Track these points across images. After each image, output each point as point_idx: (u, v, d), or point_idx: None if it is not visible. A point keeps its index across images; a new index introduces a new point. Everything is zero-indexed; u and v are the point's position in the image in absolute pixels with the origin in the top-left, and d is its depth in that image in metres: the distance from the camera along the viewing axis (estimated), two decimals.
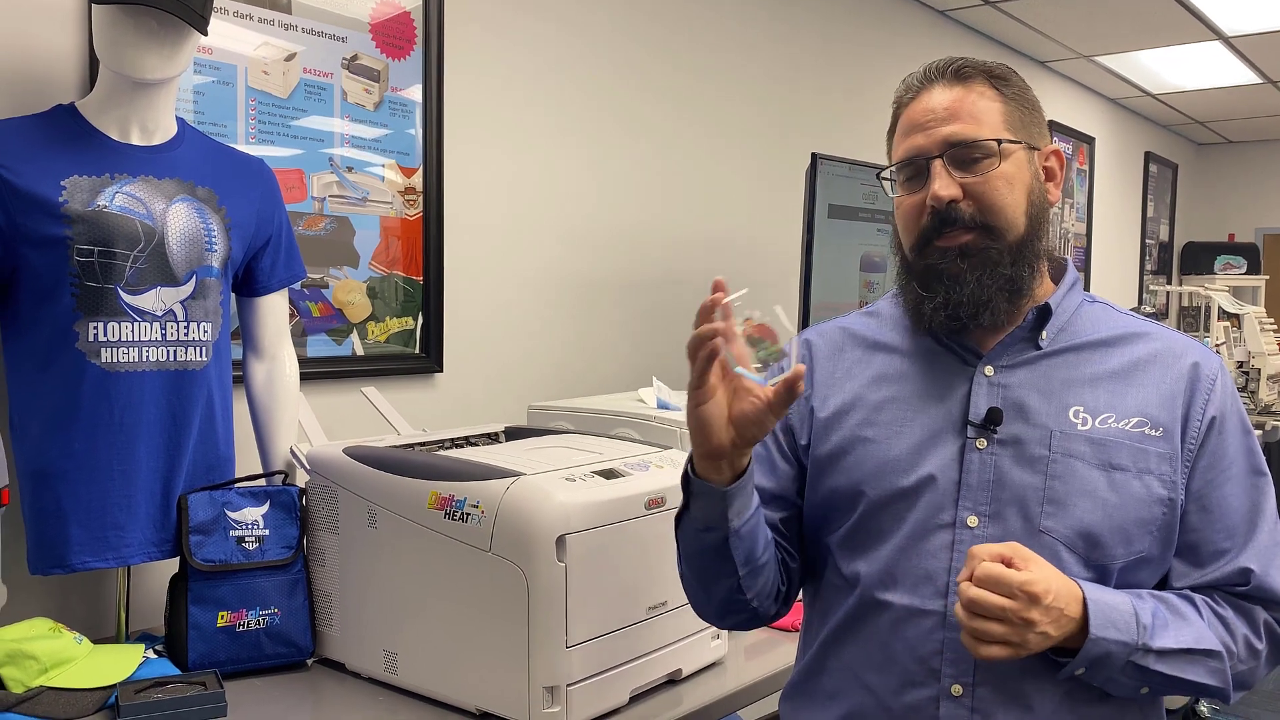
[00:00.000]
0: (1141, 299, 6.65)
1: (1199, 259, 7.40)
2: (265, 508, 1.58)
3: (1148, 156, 6.69)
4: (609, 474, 1.46)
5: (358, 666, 1.55)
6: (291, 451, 1.71)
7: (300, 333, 2.02)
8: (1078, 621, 1.02)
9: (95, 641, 1.56)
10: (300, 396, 1.78)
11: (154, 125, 1.56)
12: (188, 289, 1.55)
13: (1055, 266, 1.20)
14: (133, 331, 1.50)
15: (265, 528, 1.57)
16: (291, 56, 1.99)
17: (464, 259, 2.34)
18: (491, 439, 1.82)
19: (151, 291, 1.51)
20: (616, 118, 2.74)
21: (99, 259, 1.47)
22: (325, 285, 2.06)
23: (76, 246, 1.45)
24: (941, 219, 1.12)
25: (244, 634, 1.53)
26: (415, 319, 2.24)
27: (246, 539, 1.55)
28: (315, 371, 2.03)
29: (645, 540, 1.44)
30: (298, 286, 2.01)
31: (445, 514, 1.40)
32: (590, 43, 2.65)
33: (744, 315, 1.02)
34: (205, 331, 1.57)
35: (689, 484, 1.11)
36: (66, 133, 1.50)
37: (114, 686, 1.40)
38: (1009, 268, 1.12)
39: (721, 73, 3.08)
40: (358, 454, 1.55)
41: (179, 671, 1.48)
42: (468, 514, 1.38)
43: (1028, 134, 1.15)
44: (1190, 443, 1.12)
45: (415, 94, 2.21)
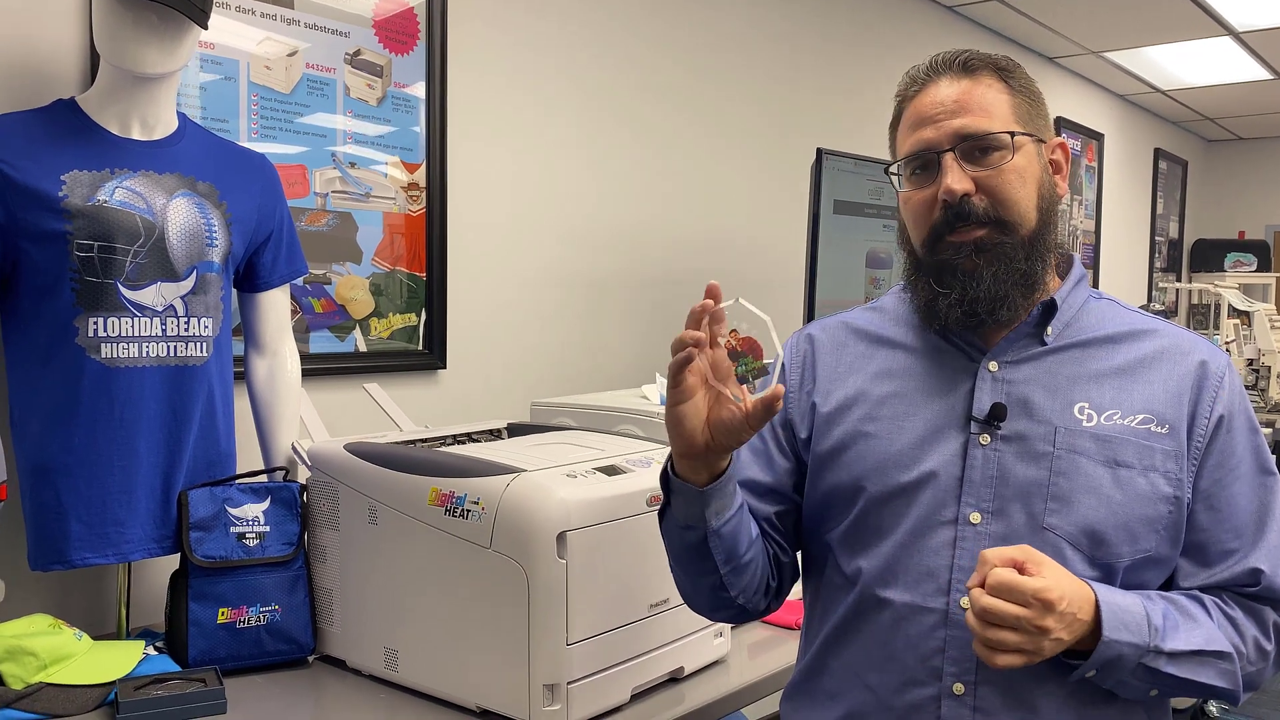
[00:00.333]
0: (1151, 296, 6.62)
1: (1209, 256, 7.36)
2: (266, 504, 1.57)
3: (1157, 153, 6.65)
4: (611, 470, 1.45)
5: (358, 664, 1.54)
6: (293, 448, 1.70)
7: (303, 329, 2.02)
8: (1090, 624, 1.00)
9: (96, 638, 1.56)
10: (302, 392, 1.78)
11: (155, 120, 1.56)
12: (188, 284, 1.54)
13: (1061, 261, 1.19)
14: (133, 327, 1.49)
15: (266, 524, 1.56)
16: (294, 52, 1.98)
17: (467, 255, 2.34)
18: (494, 435, 1.81)
19: (152, 287, 1.51)
20: (620, 114, 2.73)
21: (99, 254, 1.46)
22: (328, 281, 2.06)
23: (76, 241, 1.45)
24: (955, 214, 1.10)
25: (244, 631, 1.52)
26: (418, 315, 2.23)
27: (247, 535, 1.55)
28: (318, 368, 2.03)
29: (647, 537, 1.43)
30: (300, 282, 2.00)
31: (446, 510, 1.40)
32: (593, 39, 2.64)
33: (730, 326, 1.02)
34: (206, 327, 1.57)
35: (668, 482, 1.11)
36: (67, 127, 1.50)
37: (114, 683, 1.40)
38: (1024, 262, 1.11)
39: (725, 68, 3.06)
40: (358, 450, 1.54)
41: (179, 668, 1.48)
42: (468, 510, 1.37)
43: (1035, 126, 1.14)
44: (1197, 441, 1.10)
45: (418, 90, 2.20)
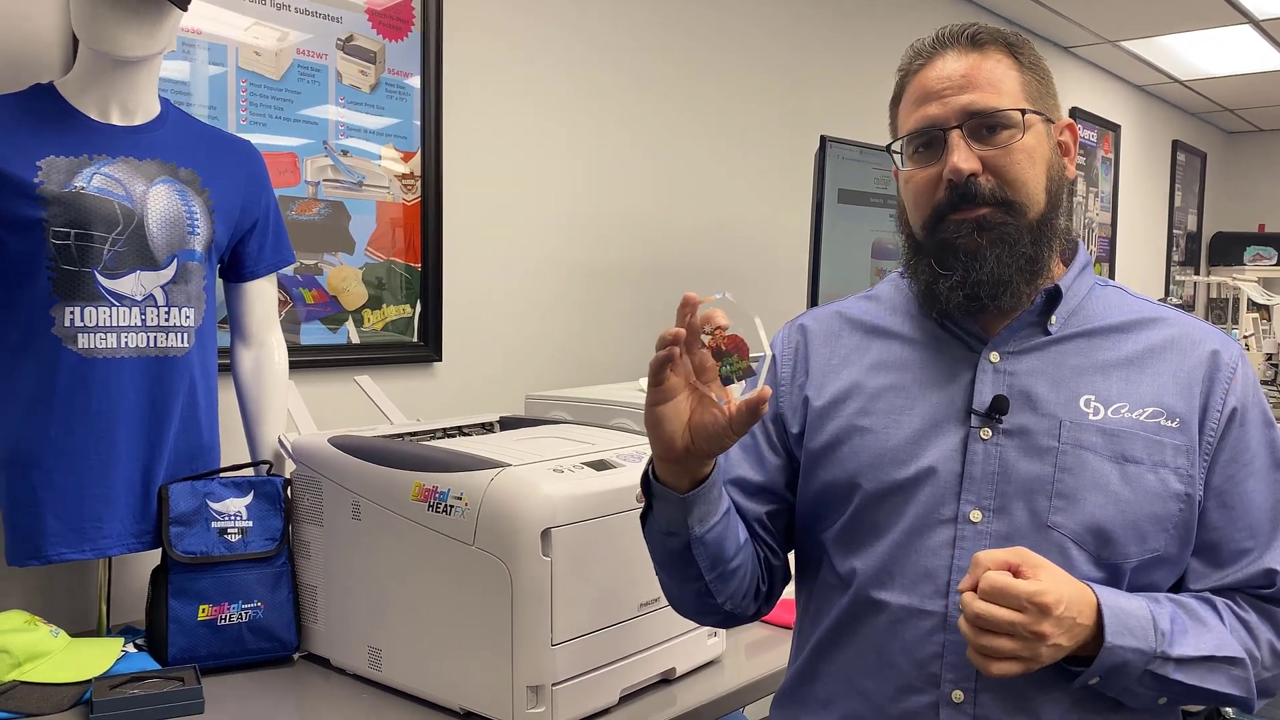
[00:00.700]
0: (1168, 290, 6.52)
1: (1228, 250, 7.25)
2: (249, 498, 1.54)
3: (1175, 145, 6.55)
4: (600, 465, 1.41)
5: (342, 663, 1.50)
6: (280, 441, 1.66)
7: (294, 320, 1.98)
8: (1091, 629, 0.95)
9: (78, 635, 1.53)
10: (290, 385, 1.74)
11: (135, 105, 1.52)
12: (168, 273, 1.51)
13: (1066, 247, 1.13)
14: (111, 317, 1.45)
15: (248, 519, 1.53)
16: (284, 37, 1.94)
17: (464, 245, 2.29)
18: (485, 429, 1.77)
19: (131, 275, 1.47)
20: (620, 101, 2.68)
21: (76, 242, 1.42)
22: (319, 272, 2.02)
23: (53, 229, 1.41)
24: (960, 194, 1.05)
25: (226, 628, 1.48)
26: (413, 307, 2.19)
27: (229, 530, 1.51)
28: (309, 360, 1.99)
29: (637, 534, 1.36)
30: (290, 273, 1.96)
31: (429, 506, 1.35)
32: (593, 26, 2.59)
33: (716, 324, 0.96)
34: (187, 317, 1.53)
35: (649, 487, 1.06)
36: (44, 113, 1.46)
37: (90, 681, 1.36)
38: (1029, 246, 1.06)
39: (727, 54, 3.00)
40: (342, 444, 1.50)
41: (159, 666, 1.45)
42: (451, 506, 1.33)
43: (1045, 105, 1.09)
44: (1209, 435, 1.05)
45: (413, 77, 2.16)
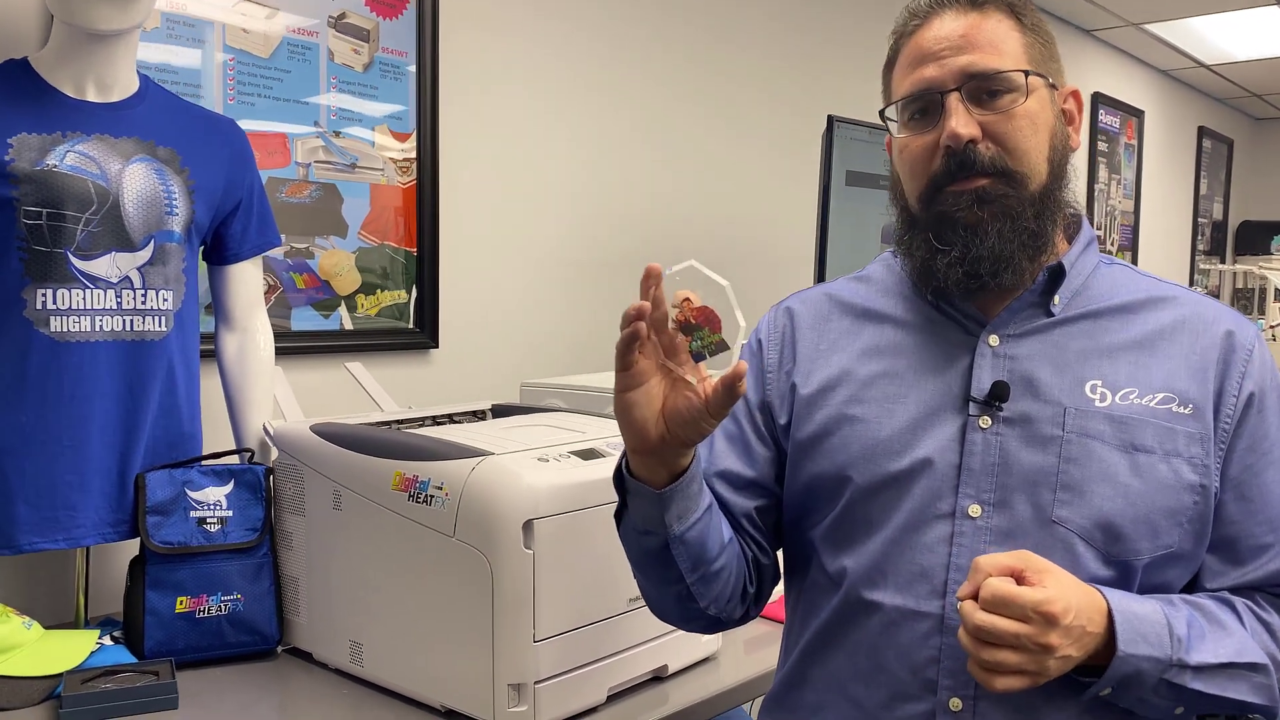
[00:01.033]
0: (1193, 279, 6.39)
1: (1255, 238, 7.11)
2: (229, 487, 1.49)
3: (1201, 131, 6.41)
4: (588, 454, 1.35)
5: (325, 657, 1.46)
6: (264, 429, 1.62)
7: (284, 305, 1.93)
8: (1102, 636, 0.88)
9: (56, 626, 1.49)
10: (277, 371, 1.69)
11: (111, 80, 1.47)
12: (145, 254, 1.46)
13: (1069, 222, 1.06)
14: (84, 299, 1.41)
15: (228, 508, 1.48)
16: (273, 15, 1.89)
17: (461, 229, 2.24)
18: (477, 417, 1.71)
19: (105, 257, 1.42)
20: (621, 83, 2.62)
21: (48, 221, 1.38)
22: (311, 256, 1.97)
23: (24, 208, 1.37)
24: (958, 163, 0.98)
25: (204, 620, 1.44)
26: (409, 292, 2.14)
27: (208, 520, 1.47)
28: (300, 346, 1.94)
29: None
30: (280, 256, 1.92)
31: (409, 496, 1.30)
32: (593, 6, 2.53)
33: (684, 294, 0.89)
34: (165, 300, 1.48)
35: (622, 482, 0.99)
36: (16, 88, 1.41)
37: (63, 675, 1.32)
38: (1031, 220, 0.99)
39: (731, 33, 2.93)
40: (324, 431, 1.45)
41: (135, 660, 1.40)
42: (431, 496, 1.28)
43: (1048, 69, 1.02)
44: (1225, 422, 0.98)
45: (408, 56, 2.10)
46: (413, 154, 2.12)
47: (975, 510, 0.97)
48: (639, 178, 2.67)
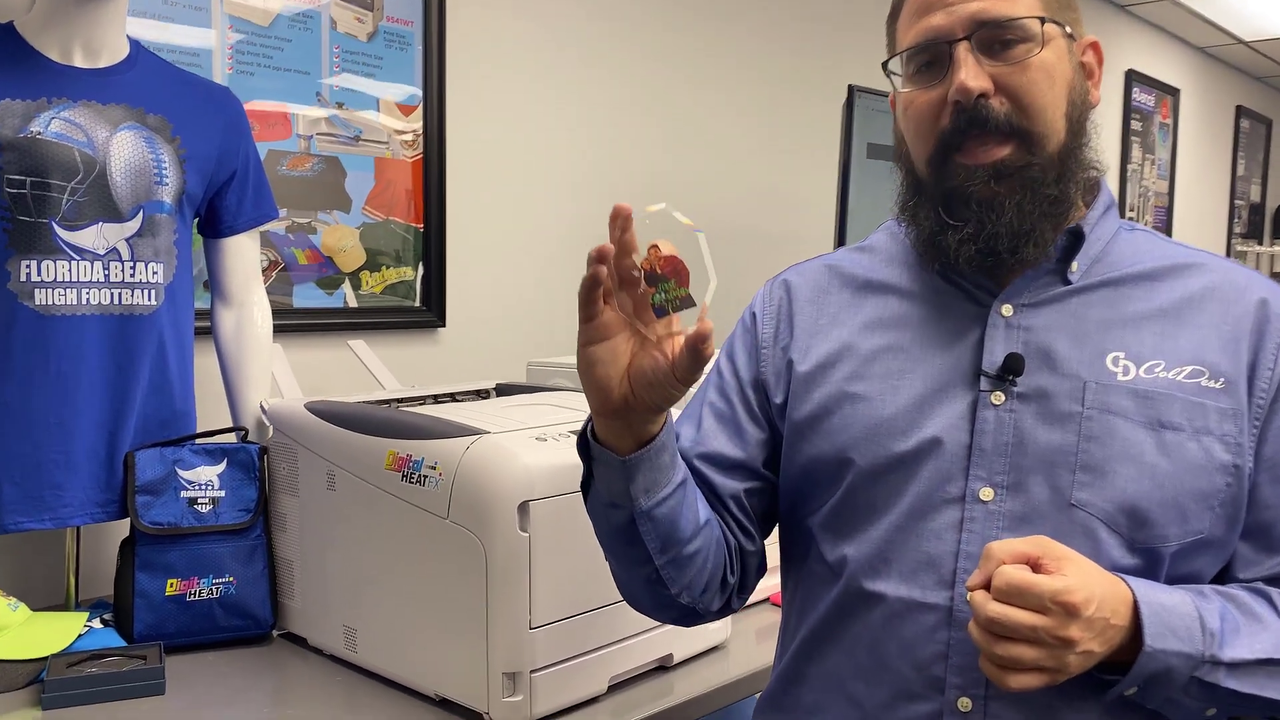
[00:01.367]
0: None
1: None
2: (221, 467, 1.44)
3: (1239, 111, 6.24)
4: None
5: (319, 642, 1.41)
6: (261, 407, 1.57)
7: (286, 282, 1.88)
8: (1127, 630, 0.81)
9: (48, 608, 1.45)
10: (275, 348, 1.64)
11: (100, 45, 1.42)
12: (133, 225, 1.41)
13: (1087, 185, 0.98)
14: (70, 271, 1.36)
15: (221, 488, 1.43)
16: None
17: (469, 204, 2.18)
18: (480, 396, 1.66)
19: (92, 228, 1.37)
20: (635, 53, 2.54)
21: (32, 190, 1.33)
22: (313, 230, 1.92)
23: (7, 176, 1.32)
24: (968, 119, 0.90)
25: (195, 604, 1.39)
26: (415, 270, 2.08)
27: (199, 500, 1.42)
28: (302, 323, 1.90)
29: None
30: (282, 231, 1.87)
31: (403, 476, 1.25)
32: None
33: (650, 242, 0.82)
34: (155, 273, 1.43)
35: (587, 447, 0.91)
36: (1, 54, 1.36)
37: (48, 659, 1.28)
38: (1054, 186, 0.91)
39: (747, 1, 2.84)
40: (318, 409, 1.40)
41: (124, 643, 1.36)
42: (425, 476, 1.22)
43: (1065, 18, 0.94)
44: (1260, 397, 0.90)
45: (414, 25, 2.04)
46: (419, 127, 2.06)
47: (987, 493, 0.90)
48: (652, 151, 2.60)
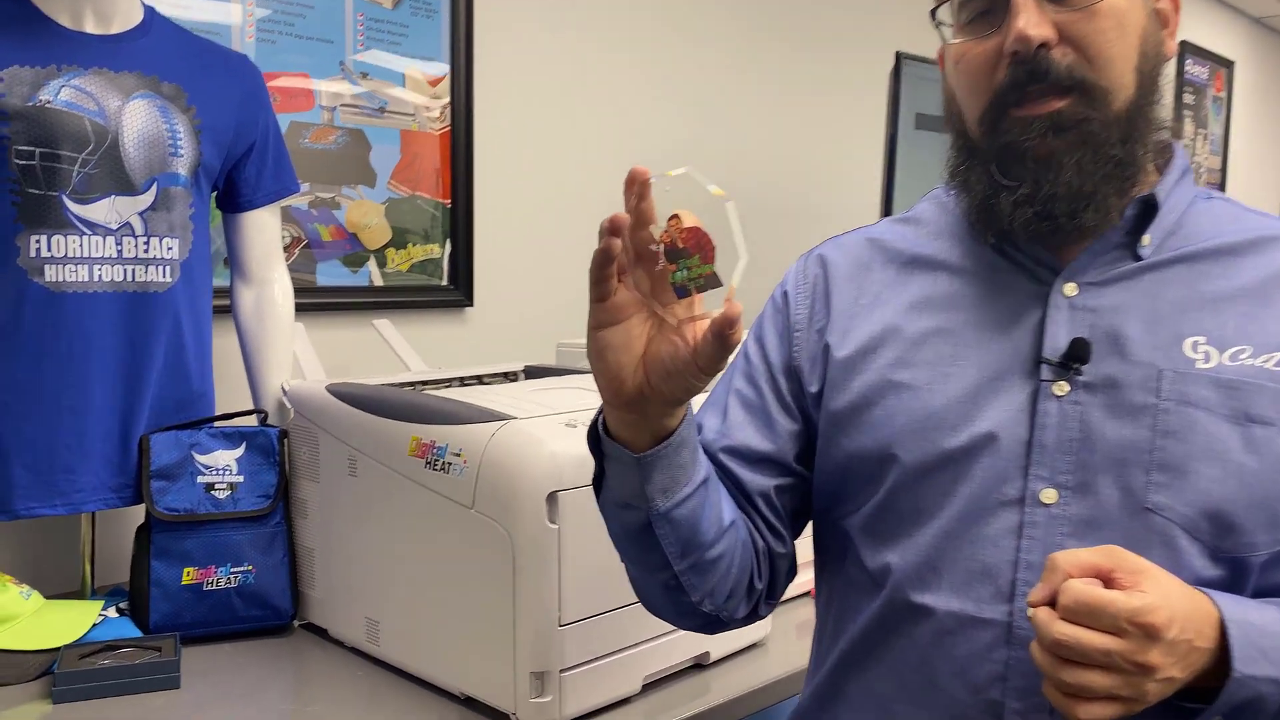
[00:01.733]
0: None
1: None
2: (240, 451, 1.39)
3: None
4: None
5: (340, 634, 1.35)
6: (282, 389, 1.51)
7: (309, 259, 1.82)
8: (1213, 653, 0.72)
9: (62, 596, 1.41)
10: (298, 327, 1.58)
11: (112, 11, 1.36)
12: (147, 199, 1.35)
13: (1157, 148, 0.88)
14: (82, 246, 1.30)
15: (239, 473, 1.38)
16: None
17: (498, 179, 2.10)
18: (508, 378, 1.59)
19: (104, 201, 1.32)
20: (673, 19, 2.45)
21: (41, 162, 1.27)
22: (337, 206, 1.85)
23: (15, 147, 1.26)
24: (1027, 72, 0.81)
25: (213, 593, 1.34)
26: (442, 247, 2.01)
27: (217, 486, 1.36)
28: (325, 302, 1.84)
29: None
30: (304, 206, 1.80)
31: (426, 463, 1.18)
32: None
33: (671, 212, 0.71)
34: (170, 249, 1.37)
35: (598, 442, 0.83)
36: (8, 18, 1.30)
37: (60, 649, 1.23)
38: (1118, 146, 0.82)
39: None
40: (340, 392, 1.34)
41: (139, 634, 1.31)
42: (449, 463, 1.16)
43: None
44: None
45: None
46: (446, 99, 1.98)
47: (1049, 495, 0.81)
48: (689, 123, 2.51)
